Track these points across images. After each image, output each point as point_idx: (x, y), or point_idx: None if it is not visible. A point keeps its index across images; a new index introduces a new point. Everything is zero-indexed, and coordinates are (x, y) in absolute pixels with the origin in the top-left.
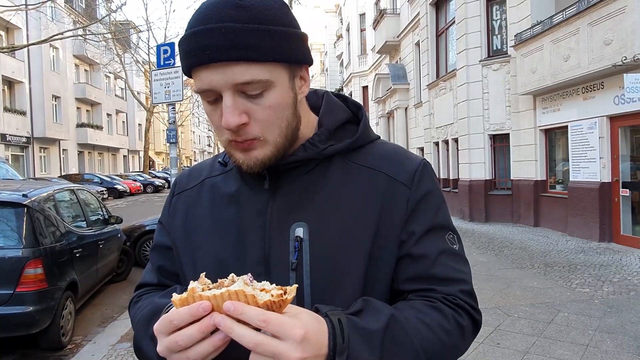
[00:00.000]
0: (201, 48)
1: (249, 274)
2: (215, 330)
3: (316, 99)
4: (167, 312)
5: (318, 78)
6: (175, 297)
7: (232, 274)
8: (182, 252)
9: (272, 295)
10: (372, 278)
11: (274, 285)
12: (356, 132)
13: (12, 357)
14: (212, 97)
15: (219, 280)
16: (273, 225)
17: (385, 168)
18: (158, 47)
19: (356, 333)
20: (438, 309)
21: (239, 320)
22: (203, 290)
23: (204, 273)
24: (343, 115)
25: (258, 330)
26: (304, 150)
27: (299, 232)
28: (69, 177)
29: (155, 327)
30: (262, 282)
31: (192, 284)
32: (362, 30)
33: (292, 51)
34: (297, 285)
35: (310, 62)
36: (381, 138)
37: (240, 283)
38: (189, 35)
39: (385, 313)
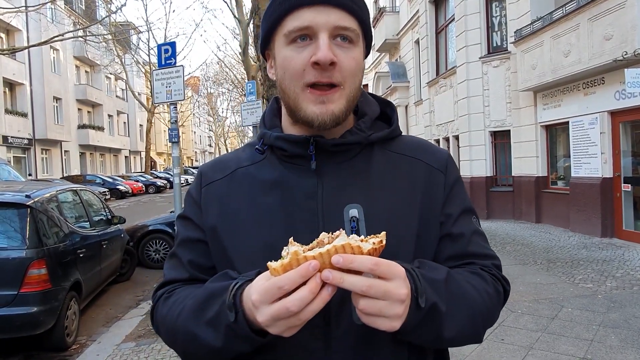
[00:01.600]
0: None
1: (341, 229)
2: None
3: None
4: (236, 288)
5: None
6: (274, 263)
7: (322, 233)
8: (225, 238)
9: (374, 244)
10: (420, 256)
11: (362, 236)
12: (390, 125)
13: (16, 358)
14: (305, 37)
15: (317, 241)
16: (326, 207)
17: (421, 156)
18: (159, 46)
19: (425, 280)
20: (481, 276)
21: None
22: (304, 251)
23: (292, 238)
24: (377, 109)
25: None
26: (351, 135)
27: (354, 212)
28: (71, 179)
29: (254, 298)
30: (351, 235)
31: (292, 248)
32: None
33: (370, 31)
34: (385, 232)
35: (369, 49)
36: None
37: (343, 237)
38: None
39: (443, 269)
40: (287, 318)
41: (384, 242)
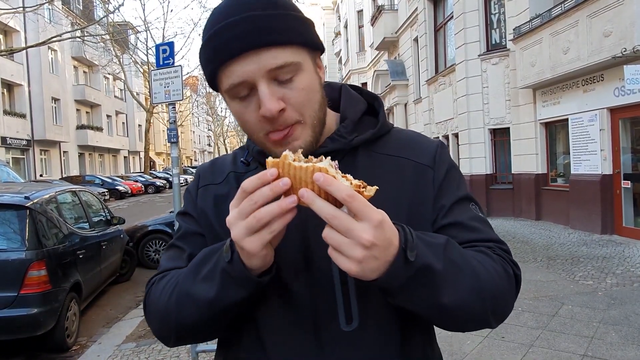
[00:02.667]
0: (229, 41)
1: (336, 162)
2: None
3: (331, 92)
4: (230, 240)
5: None
6: (270, 159)
7: (322, 156)
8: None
9: (352, 184)
10: None
11: (356, 181)
12: (376, 123)
13: (17, 359)
14: (245, 92)
15: (310, 157)
16: (310, 220)
17: (408, 154)
18: (157, 46)
19: (421, 241)
20: (485, 253)
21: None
22: (294, 160)
23: (291, 149)
24: (362, 107)
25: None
26: (332, 142)
27: None
28: (70, 179)
29: (230, 216)
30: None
31: (286, 152)
32: (360, 27)
33: (313, 37)
34: (377, 188)
35: (323, 48)
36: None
37: (327, 162)
38: (212, 35)
39: (442, 236)
40: (259, 231)
41: (368, 194)
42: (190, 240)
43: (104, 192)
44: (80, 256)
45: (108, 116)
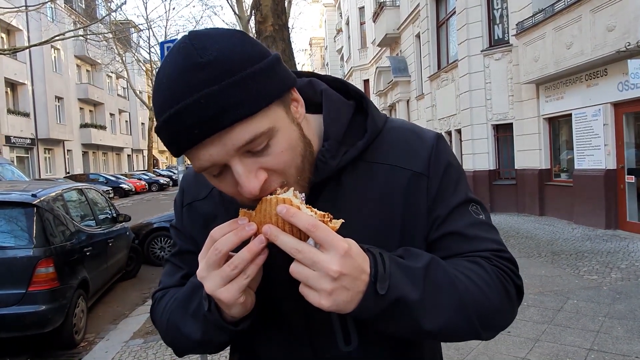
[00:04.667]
0: (187, 129)
1: (303, 194)
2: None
3: (313, 93)
4: None
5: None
6: (242, 210)
7: (285, 187)
8: None
9: (315, 214)
10: None
11: (321, 212)
12: (364, 127)
13: (26, 356)
14: (217, 171)
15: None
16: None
17: (400, 160)
18: (161, 44)
19: (397, 269)
20: (479, 264)
21: (285, 231)
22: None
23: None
24: (348, 114)
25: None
26: (317, 171)
27: None
28: (74, 178)
29: (200, 271)
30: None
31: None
32: (362, 23)
33: (277, 84)
34: (342, 221)
35: (294, 82)
36: (388, 117)
37: (290, 193)
38: (167, 120)
39: (426, 256)
40: (235, 278)
41: (333, 225)
42: (185, 259)
43: (108, 190)
44: (87, 253)
45: (111, 114)
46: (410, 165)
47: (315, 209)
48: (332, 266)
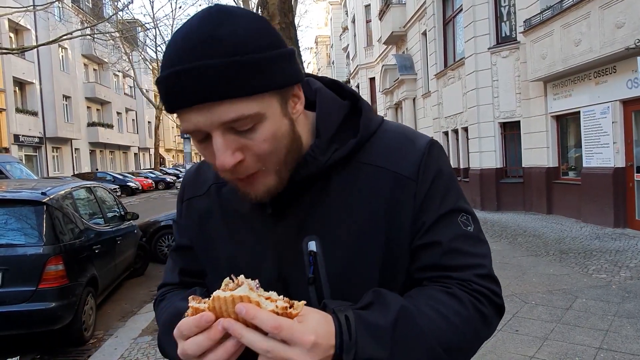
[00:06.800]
0: (180, 90)
1: (257, 280)
2: (229, 335)
3: (309, 92)
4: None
5: (324, 71)
6: (191, 304)
7: (241, 276)
8: (202, 258)
9: (277, 307)
10: (388, 283)
11: (282, 297)
12: (357, 127)
13: (35, 353)
14: (201, 136)
15: (224, 282)
16: (284, 243)
17: (389, 164)
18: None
19: (364, 330)
20: (454, 296)
21: (248, 325)
22: (225, 290)
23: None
24: (341, 113)
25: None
26: (305, 166)
27: (312, 246)
28: (82, 176)
29: (174, 333)
30: (270, 292)
31: (226, 279)
32: (368, 21)
33: (280, 76)
34: (304, 302)
35: (301, 79)
36: (385, 120)
37: (245, 288)
38: (166, 77)
39: (395, 307)
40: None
41: (296, 312)
42: (180, 255)
43: (115, 188)
44: (96, 251)
45: (118, 113)
46: (396, 168)
47: (275, 296)
48: None
